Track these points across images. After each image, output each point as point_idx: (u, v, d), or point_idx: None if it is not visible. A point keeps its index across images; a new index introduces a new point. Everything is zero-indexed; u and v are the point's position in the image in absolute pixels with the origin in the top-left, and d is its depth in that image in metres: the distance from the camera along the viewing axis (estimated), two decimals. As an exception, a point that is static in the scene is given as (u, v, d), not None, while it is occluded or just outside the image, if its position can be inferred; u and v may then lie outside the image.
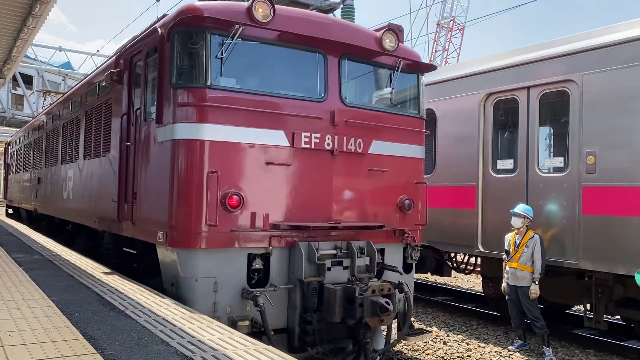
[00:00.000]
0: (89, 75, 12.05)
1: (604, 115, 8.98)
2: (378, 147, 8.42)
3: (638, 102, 8.50)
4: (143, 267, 8.98)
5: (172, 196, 7.18)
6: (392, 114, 8.71)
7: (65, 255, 10.49)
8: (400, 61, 8.65)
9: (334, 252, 7.69)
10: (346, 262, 7.73)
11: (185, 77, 7.29)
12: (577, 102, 9.42)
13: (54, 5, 10.39)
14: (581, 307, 10.76)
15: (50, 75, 36.33)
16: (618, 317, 10.33)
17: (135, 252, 8.59)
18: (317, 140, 7.75)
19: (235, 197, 7.13)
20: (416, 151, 8.96)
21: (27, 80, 36.35)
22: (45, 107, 19.80)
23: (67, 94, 14.42)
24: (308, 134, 7.68)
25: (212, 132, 7.10)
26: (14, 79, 32.37)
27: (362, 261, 7.87)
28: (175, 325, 5.25)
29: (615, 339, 10.27)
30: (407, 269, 8.83)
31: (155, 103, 7.83)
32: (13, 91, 37.21)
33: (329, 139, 7.84)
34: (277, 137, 7.52)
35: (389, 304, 6.90)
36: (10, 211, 27.75)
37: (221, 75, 7.23)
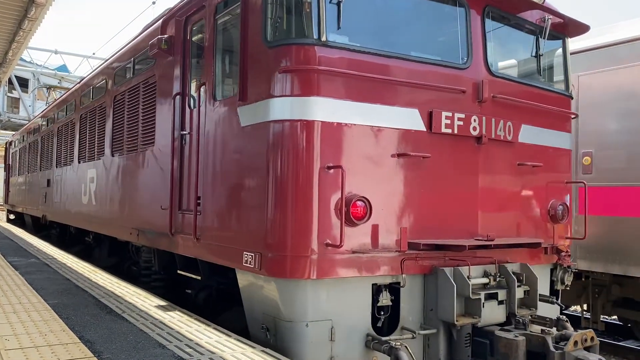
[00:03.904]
0: (117, 52, 9.82)
1: (600, 115, 8.79)
2: (528, 134, 6.23)
3: (634, 102, 8.30)
4: (205, 297, 6.75)
5: (269, 203, 4.95)
6: (542, 89, 6.50)
7: (61, 259, 10.32)
8: (548, 20, 6.45)
9: (486, 280, 5.48)
10: (501, 294, 5.52)
11: (287, 31, 5.09)
12: (573, 103, 8.95)
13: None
14: (578, 307, 10.57)
15: (46, 78, 35.00)
16: (615, 317, 10.11)
17: (199, 277, 6.36)
18: (461, 123, 5.55)
19: (359, 203, 4.93)
20: (565, 140, 6.76)
21: (23, 83, 35.49)
22: (55, 100, 17.49)
23: (86, 79, 12.16)
24: (449, 114, 5.48)
25: (325, 109, 4.89)
26: (10, 81, 31.52)
27: (519, 292, 5.66)
28: (172, 329, 5.16)
29: (612, 339, 9.99)
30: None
31: (232, 73, 5.65)
32: (9, 94, 36.26)
33: (475, 121, 5.63)
34: (409, 118, 5.31)
35: (605, 364, 4.70)
36: (12, 217, 25.36)
37: (338, 28, 5.01)
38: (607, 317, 10.14)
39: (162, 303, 6.36)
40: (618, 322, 10.41)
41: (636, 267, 8.05)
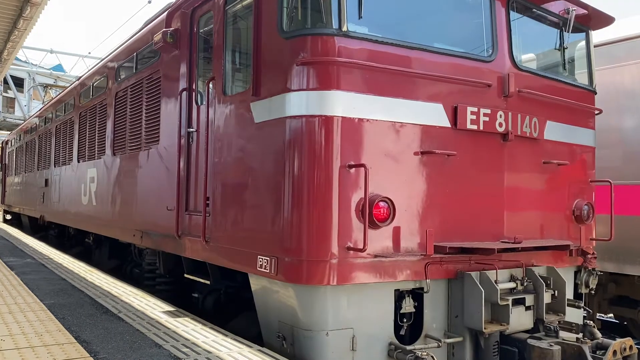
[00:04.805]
0: (118, 47, 9.49)
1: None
2: (553, 131, 5.95)
3: (628, 100, 8.22)
4: (214, 302, 6.45)
5: (285, 204, 4.65)
6: (567, 84, 6.22)
7: (58, 259, 10.26)
8: (573, 11, 6.17)
9: (513, 285, 5.19)
10: (529, 300, 5.24)
11: (304, 21, 4.78)
12: None
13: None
14: (572, 305, 10.20)
15: (41, 77, 34.82)
16: (611, 315, 9.97)
17: (208, 281, 6.05)
18: (487, 119, 5.26)
19: (382, 204, 4.63)
20: (589, 137, 6.48)
21: (18, 82, 35.19)
22: (52, 98, 17.13)
23: (85, 76, 11.83)
24: (475, 109, 5.18)
25: (345, 104, 4.60)
26: (5, 81, 31.35)
27: (547, 296, 5.37)
28: (168, 328, 5.13)
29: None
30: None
31: (243, 67, 5.35)
32: (4, 94, 36.17)
33: (500, 116, 5.34)
34: (433, 114, 5.02)
35: (648, 375, 4.42)
36: (9, 217, 24.96)
37: (360, 18, 4.71)
38: (603, 315, 10.05)
39: (159, 303, 6.25)
40: (614, 320, 10.31)
41: (632, 266, 8.02)
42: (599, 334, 5.55)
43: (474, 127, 5.16)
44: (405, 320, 4.94)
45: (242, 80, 5.55)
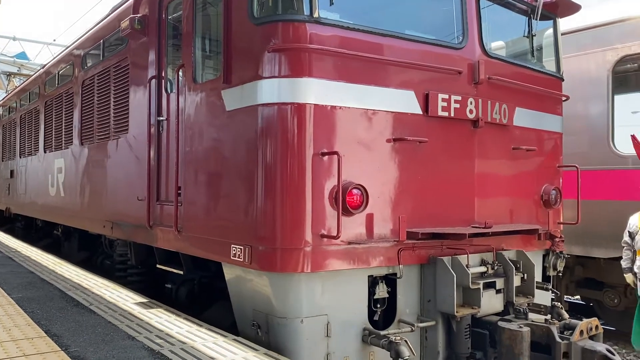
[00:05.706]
0: (84, 34, 9.25)
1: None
2: (522, 117, 6.04)
3: (593, 88, 8.52)
4: (187, 292, 6.40)
5: (258, 192, 4.63)
6: (535, 71, 6.31)
7: (25, 252, 10.09)
8: (541, -1, 6.25)
9: (484, 269, 5.29)
10: (499, 283, 5.34)
11: (275, 6, 4.73)
12: None
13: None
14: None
15: (4, 65, 33.60)
16: (578, 297, 10.40)
17: (181, 271, 6.00)
18: (458, 106, 5.30)
19: (355, 191, 4.65)
20: (557, 123, 6.60)
21: None
22: (16, 87, 16.65)
23: (50, 63, 11.51)
24: (446, 96, 5.22)
25: (318, 91, 4.58)
26: None
27: (516, 280, 5.48)
28: (142, 320, 5.08)
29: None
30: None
31: (214, 54, 5.28)
32: None
33: (471, 103, 5.40)
34: (405, 101, 5.04)
35: (613, 354, 4.54)
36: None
37: (331, 4, 4.69)
38: (570, 297, 10.44)
39: (131, 294, 6.20)
40: (581, 302, 10.61)
41: (598, 249, 8.30)
42: (566, 315, 5.70)
43: (445, 114, 5.20)
44: (379, 305, 4.98)
45: (212, 68, 5.48)
